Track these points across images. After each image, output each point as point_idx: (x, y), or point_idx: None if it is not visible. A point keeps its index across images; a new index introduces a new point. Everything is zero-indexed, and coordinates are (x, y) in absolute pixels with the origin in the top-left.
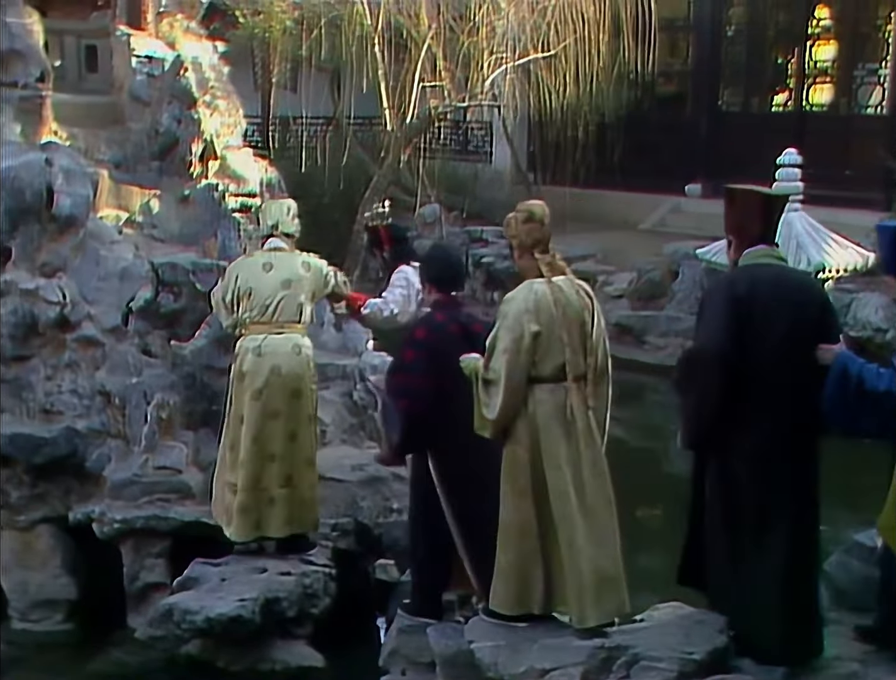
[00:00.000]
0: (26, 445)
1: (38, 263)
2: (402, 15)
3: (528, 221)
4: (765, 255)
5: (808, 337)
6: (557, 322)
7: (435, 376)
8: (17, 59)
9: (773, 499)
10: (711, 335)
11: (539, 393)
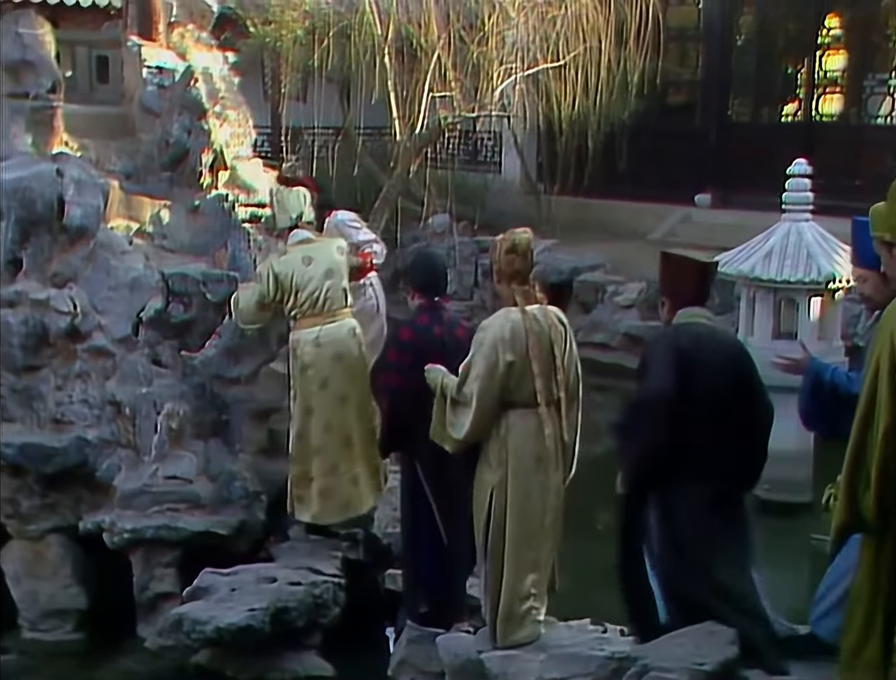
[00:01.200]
0: (37, 454)
1: (48, 274)
2: (412, 24)
3: (511, 252)
4: (697, 315)
5: (739, 388)
6: (531, 351)
7: (417, 377)
8: (28, 69)
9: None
10: (658, 385)
11: (512, 417)
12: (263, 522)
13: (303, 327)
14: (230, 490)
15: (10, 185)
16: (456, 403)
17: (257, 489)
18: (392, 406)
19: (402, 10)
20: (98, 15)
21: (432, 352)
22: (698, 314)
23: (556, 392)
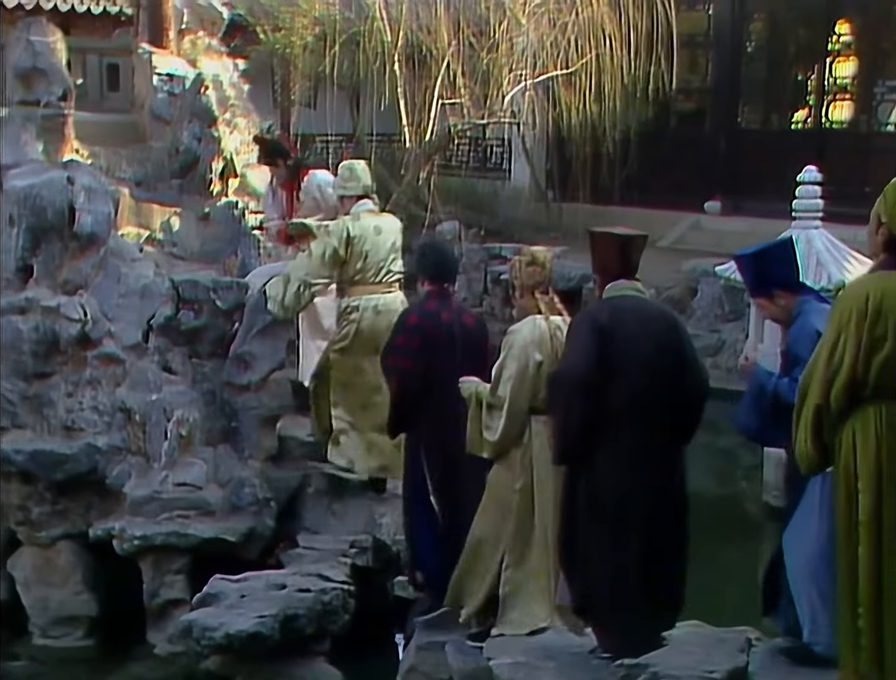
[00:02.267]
0: (47, 461)
1: (59, 281)
2: (422, 31)
3: (532, 265)
4: (624, 288)
5: (666, 358)
6: (553, 357)
7: (424, 360)
8: (40, 77)
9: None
10: (574, 359)
11: (535, 424)
12: (273, 529)
13: (362, 293)
14: (240, 497)
15: (22, 193)
16: (491, 407)
17: (267, 496)
18: (399, 388)
19: (412, 17)
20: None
21: (439, 336)
22: (626, 287)
23: None
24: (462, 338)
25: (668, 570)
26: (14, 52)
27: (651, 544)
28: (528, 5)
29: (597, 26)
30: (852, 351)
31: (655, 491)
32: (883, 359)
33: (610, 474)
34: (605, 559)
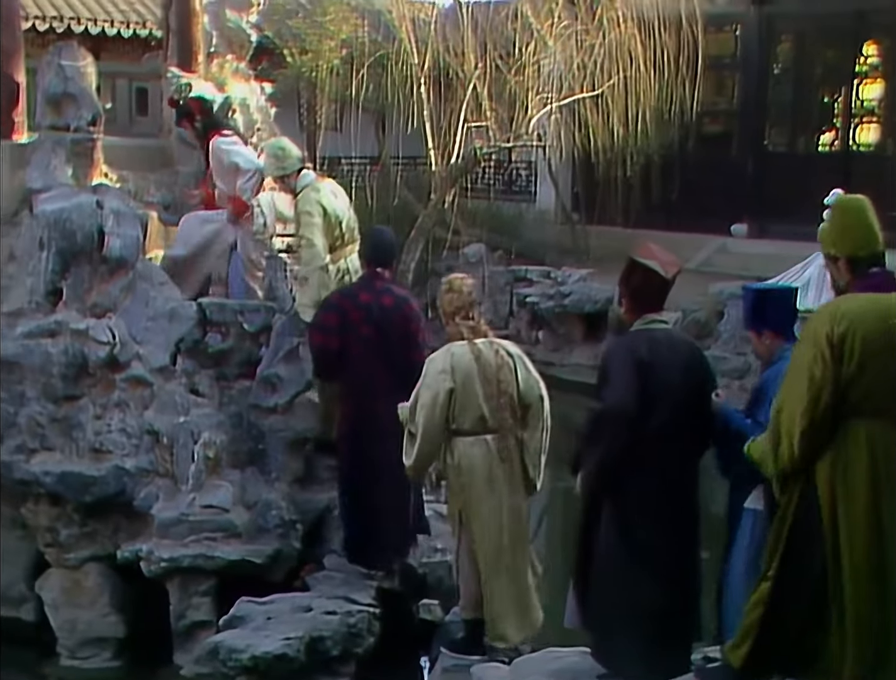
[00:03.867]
0: (76, 483)
1: (88, 304)
2: (449, 54)
3: (449, 292)
4: (656, 321)
5: (694, 391)
6: (476, 379)
7: (339, 337)
8: (70, 102)
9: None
10: (620, 393)
11: (462, 445)
12: (299, 551)
13: (343, 256)
14: (266, 519)
15: (51, 217)
16: (411, 434)
17: (293, 518)
18: (316, 360)
19: (439, 40)
20: (139, 46)
21: (356, 315)
22: (657, 319)
23: (508, 418)
24: (380, 318)
25: (688, 599)
26: (45, 76)
27: (675, 572)
28: (556, 27)
29: (624, 48)
30: (821, 371)
31: (680, 516)
32: (848, 377)
33: (638, 502)
34: (627, 587)
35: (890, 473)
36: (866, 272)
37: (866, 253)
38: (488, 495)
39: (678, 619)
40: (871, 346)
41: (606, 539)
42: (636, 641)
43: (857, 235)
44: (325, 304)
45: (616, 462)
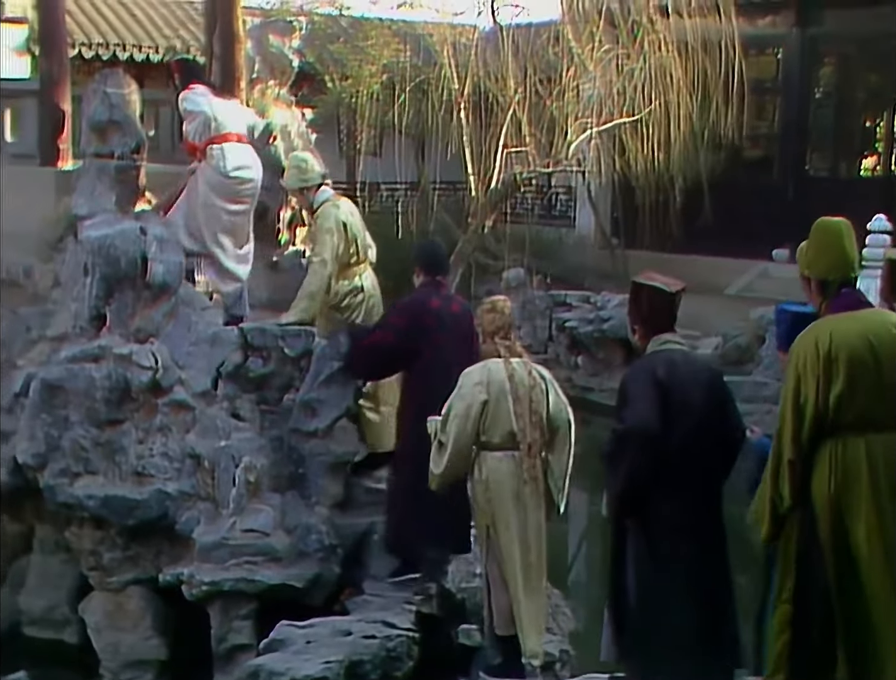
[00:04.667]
0: (119, 507)
1: (131, 329)
2: (489, 79)
3: (491, 312)
4: (671, 341)
5: (714, 411)
6: (508, 395)
7: (407, 341)
8: (114, 129)
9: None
10: (641, 413)
11: (490, 460)
12: (338, 576)
13: (358, 273)
14: (306, 543)
15: (96, 243)
16: (441, 444)
17: (333, 542)
18: (364, 355)
19: (479, 64)
20: None
21: (427, 319)
22: (671, 340)
23: (535, 437)
24: (449, 323)
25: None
26: (90, 104)
27: (706, 595)
28: (596, 51)
29: (664, 72)
30: (812, 393)
31: (706, 537)
32: (838, 395)
33: (663, 524)
34: (660, 613)
35: (893, 485)
36: (837, 293)
37: (837, 276)
38: (515, 512)
39: (714, 644)
40: (856, 363)
41: (635, 564)
42: (673, 670)
43: (830, 259)
44: (395, 307)
45: (639, 483)
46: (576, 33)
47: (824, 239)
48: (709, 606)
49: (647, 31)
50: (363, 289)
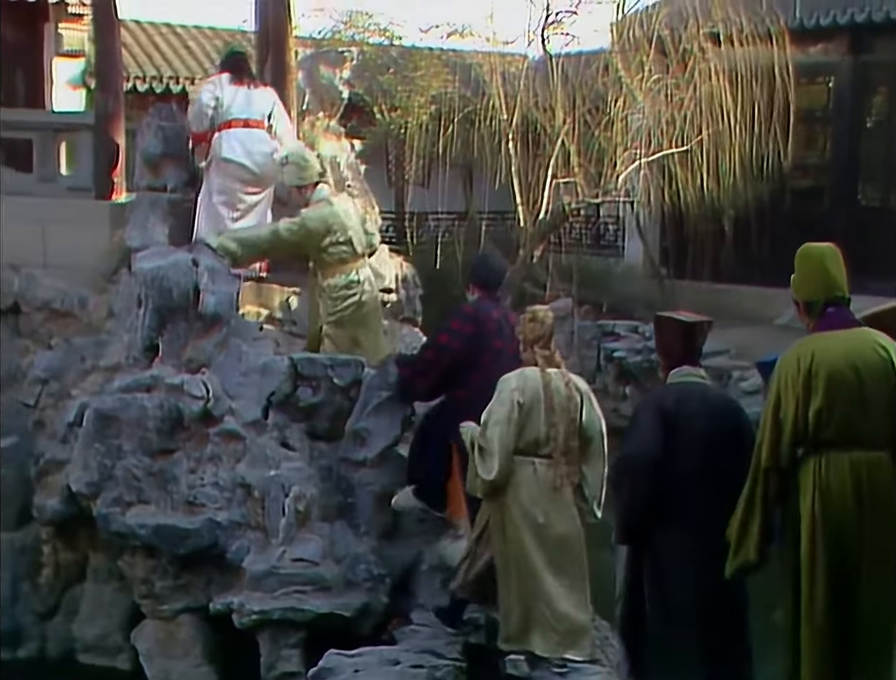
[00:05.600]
0: (171, 536)
1: (183, 359)
2: (538, 109)
3: (532, 321)
4: (689, 374)
5: (728, 444)
6: (542, 403)
7: (471, 347)
8: (168, 162)
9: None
10: (641, 440)
11: (521, 466)
12: (386, 605)
13: (353, 268)
14: (355, 573)
15: (149, 275)
16: (482, 449)
17: (381, 572)
18: (434, 362)
19: (528, 95)
20: None
21: (489, 327)
22: (690, 373)
23: (566, 446)
24: (508, 333)
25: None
26: (144, 137)
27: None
28: (646, 81)
29: (714, 102)
30: (792, 408)
31: (715, 574)
32: (817, 410)
33: (672, 555)
34: (672, 644)
35: (875, 499)
36: (823, 313)
37: (820, 297)
38: (531, 514)
39: (725, 664)
40: (836, 379)
41: (649, 589)
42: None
43: (812, 282)
44: (459, 314)
45: (639, 510)
46: (625, 62)
47: (806, 263)
48: (719, 628)
49: (698, 59)
50: (359, 282)
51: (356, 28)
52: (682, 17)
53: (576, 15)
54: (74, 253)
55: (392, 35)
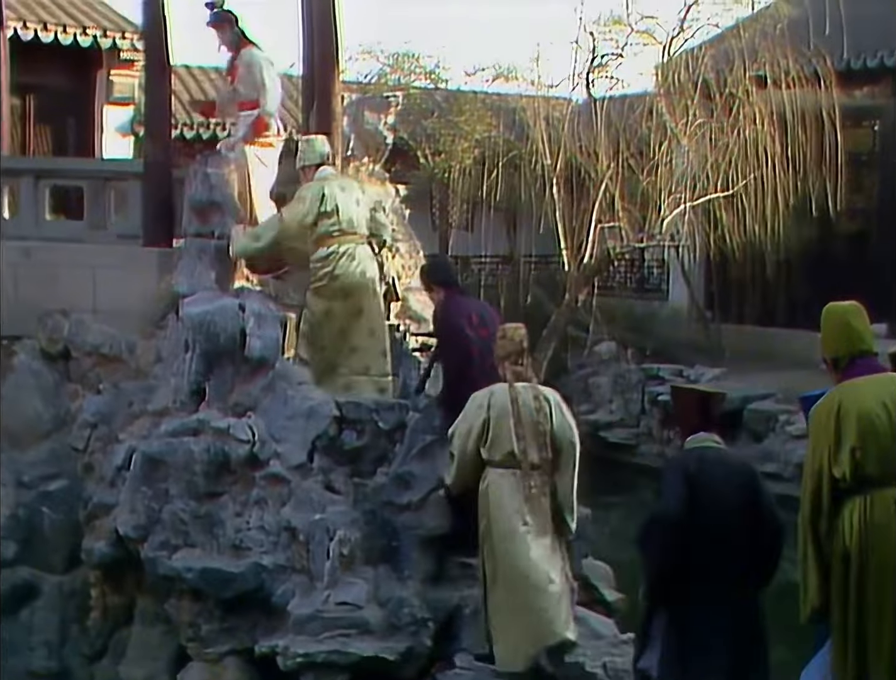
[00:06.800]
0: (217, 579)
1: (230, 403)
2: (581, 154)
3: (502, 338)
4: (706, 440)
5: (745, 505)
6: (511, 417)
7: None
8: (215, 209)
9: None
10: (667, 502)
11: (492, 475)
12: (430, 649)
13: (337, 243)
14: (399, 617)
15: (196, 320)
16: (451, 455)
17: (425, 616)
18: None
19: (572, 139)
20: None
21: (475, 318)
22: (706, 439)
23: (538, 457)
24: (489, 321)
25: None
26: (192, 185)
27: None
28: (690, 125)
29: (759, 146)
30: (826, 454)
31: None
32: (851, 449)
33: (695, 611)
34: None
35: None
36: (851, 365)
37: (845, 352)
38: (515, 525)
39: None
40: (868, 419)
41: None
42: None
43: (837, 339)
44: (456, 310)
45: (667, 568)
46: (670, 106)
47: (831, 321)
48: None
49: (743, 103)
50: (337, 254)
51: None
52: (727, 60)
53: (621, 58)
54: (123, 298)
55: (437, 78)
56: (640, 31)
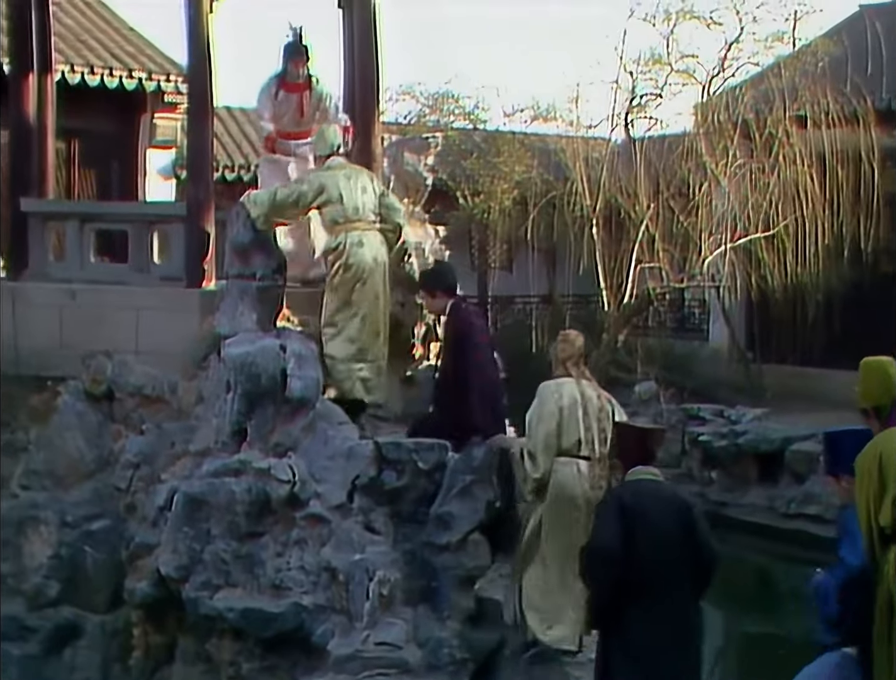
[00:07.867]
0: (257, 619)
1: (271, 443)
2: (621, 194)
3: (563, 342)
4: (643, 473)
5: (681, 535)
6: (579, 407)
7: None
8: (256, 251)
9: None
10: (602, 535)
11: (556, 464)
12: None
13: (346, 231)
14: (438, 657)
15: (238, 360)
16: (529, 453)
17: (464, 656)
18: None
19: (612, 180)
20: None
21: (478, 322)
22: (644, 471)
23: (598, 450)
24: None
25: None
26: (233, 226)
27: None
28: (729, 166)
29: (800, 186)
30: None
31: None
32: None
33: (637, 633)
34: None
35: None
36: (891, 414)
37: (886, 402)
38: (570, 509)
39: None
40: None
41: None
42: None
43: (876, 390)
44: (465, 316)
45: (608, 596)
46: (709, 146)
47: (869, 373)
48: None
49: (783, 143)
50: (343, 244)
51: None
52: (767, 99)
53: (660, 98)
54: (166, 340)
55: (476, 119)
56: (680, 71)
